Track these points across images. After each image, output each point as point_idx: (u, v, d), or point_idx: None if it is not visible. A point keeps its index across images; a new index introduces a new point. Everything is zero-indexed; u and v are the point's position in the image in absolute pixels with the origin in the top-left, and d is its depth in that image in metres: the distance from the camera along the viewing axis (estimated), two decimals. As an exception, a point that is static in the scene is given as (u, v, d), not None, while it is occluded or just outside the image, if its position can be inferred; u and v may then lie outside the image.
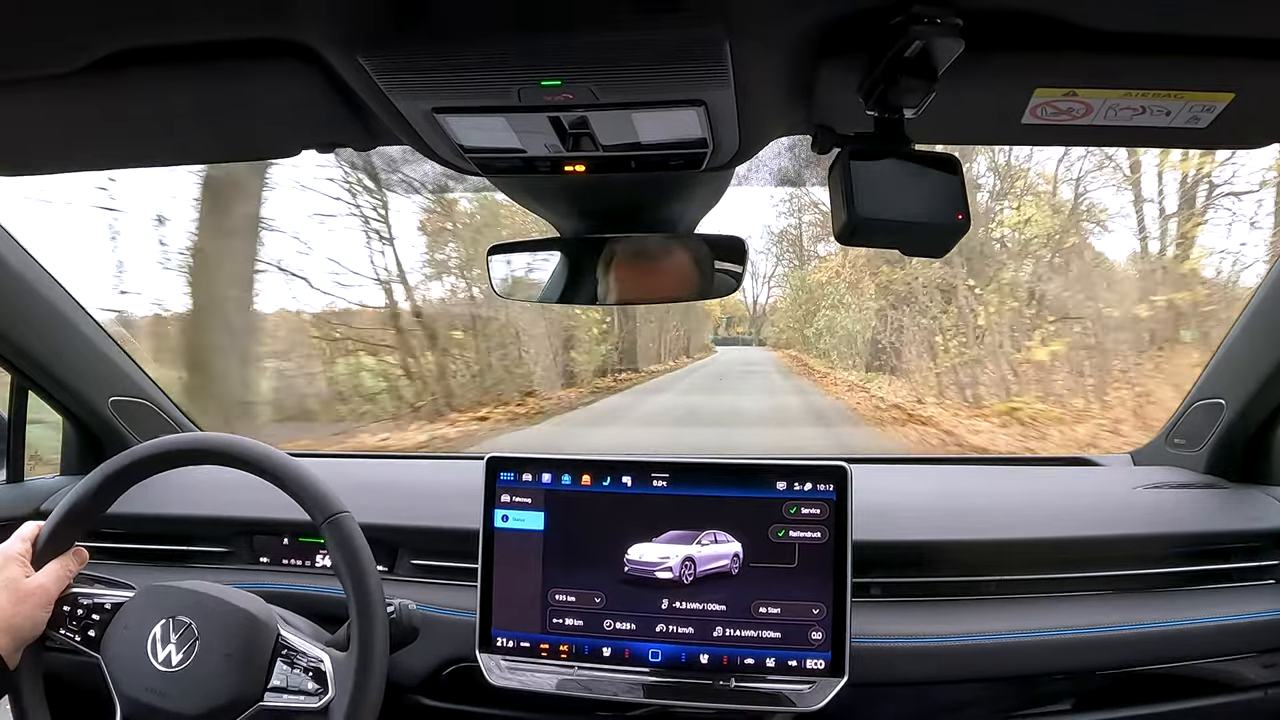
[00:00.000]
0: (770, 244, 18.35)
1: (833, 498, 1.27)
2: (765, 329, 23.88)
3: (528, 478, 1.36)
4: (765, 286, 22.45)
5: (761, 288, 22.81)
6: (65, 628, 1.17)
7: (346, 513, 1.16)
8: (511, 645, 1.34)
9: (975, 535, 1.43)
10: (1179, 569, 1.44)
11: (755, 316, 24.78)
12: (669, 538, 1.30)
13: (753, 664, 1.27)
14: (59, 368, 1.66)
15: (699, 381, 15.93)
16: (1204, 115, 0.84)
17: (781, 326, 21.68)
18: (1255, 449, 1.62)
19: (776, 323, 22.37)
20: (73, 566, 1.20)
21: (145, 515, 1.59)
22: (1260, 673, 1.39)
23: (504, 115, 0.84)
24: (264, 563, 1.58)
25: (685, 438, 8.81)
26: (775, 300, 22.66)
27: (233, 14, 0.74)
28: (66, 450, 1.85)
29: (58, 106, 0.89)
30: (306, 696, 1.11)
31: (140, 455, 1.21)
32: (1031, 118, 0.86)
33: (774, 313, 23.13)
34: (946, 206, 0.78)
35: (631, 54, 0.72)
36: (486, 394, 9.49)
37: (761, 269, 20.52)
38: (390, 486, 1.68)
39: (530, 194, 1.20)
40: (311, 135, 0.99)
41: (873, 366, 12.39)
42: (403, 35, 0.71)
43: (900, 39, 0.68)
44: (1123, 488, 1.63)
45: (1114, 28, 0.73)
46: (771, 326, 22.81)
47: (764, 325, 24.10)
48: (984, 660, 1.33)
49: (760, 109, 0.87)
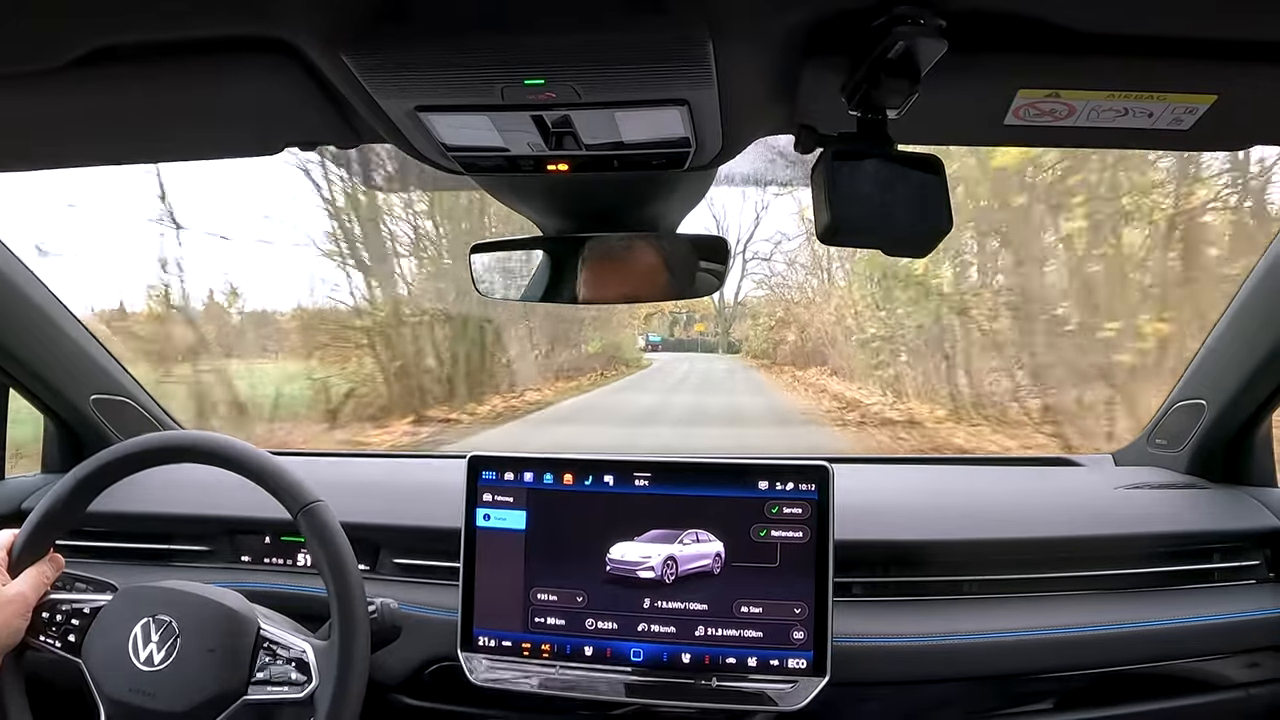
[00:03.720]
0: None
1: (815, 497, 1.27)
2: (738, 329, 18.33)
3: (509, 477, 1.35)
4: (742, 268, 16.28)
5: (740, 275, 16.74)
6: (45, 634, 1.17)
7: (321, 501, 1.16)
8: (493, 644, 1.33)
9: (957, 535, 1.44)
10: (1161, 569, 1.44)
11: (724, 314, 19.03)
12: (651, 537, 1.30)
13: (734, 663, 1.27)
14: (40, 365, 1.65)
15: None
16: (1187, 117, 0.84)
17: (764, 331, 15.89)
18: (1236, 449, 1.63)
19: (759, 322, 16.43)
20: (49, 573, 1.19)
21: (127, 514, 1.58)
22: (1242, 672, 1.40)
23: (487, 114, 0.83)
24: (246, 562, 1.57)
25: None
26: (747, 296, 17.26)
27: (215, 11, 0.73)
28: (48, 448, 1.84)
29: (38, 103, 0.89)
30: (291, 687, 1.12)
31: (111, 458, 1.20)
32: (1014, 119, 0.86)
33: (755, 311, 17.30)
34: (929, 207, 0.78)
35: (614, 53, 0.72)
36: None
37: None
38: (372, 485, 1.67)
39: (513, 193, 1.19)
40: (294, 133, 0.99)
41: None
42: (386, 33, 0.71)
43: (883, 40, 0.68)
44: (1104, 488, 1.63)
45: (1097, 29, 0.73)
46: (755, 326, 16.79)
47: (735, 324, 18.50)
48: (966, 660, 1.33)
49: (743, 109, 0.87)
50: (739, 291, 17.64)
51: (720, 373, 15.98)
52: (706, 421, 9.72)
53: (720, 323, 18.77)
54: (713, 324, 19.22)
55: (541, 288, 1.34)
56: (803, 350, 13.88)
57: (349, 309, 8.72)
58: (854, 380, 10.57)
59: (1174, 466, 1.71)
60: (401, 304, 9.00)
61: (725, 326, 18.52)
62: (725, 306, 18.37)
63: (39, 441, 1.86)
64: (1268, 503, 1.52)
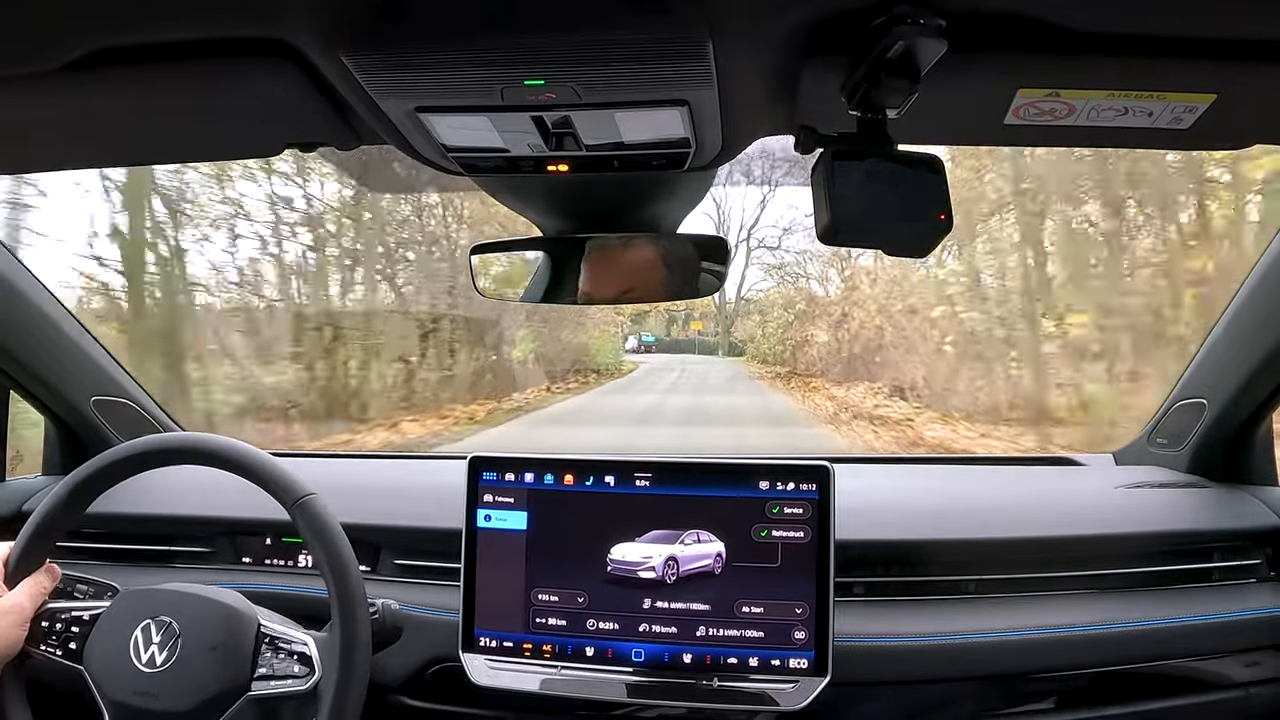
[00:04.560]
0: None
1: (815, 497, 1.27)
2: (741, 327, 15.88)
3: (510, 477, 1.35)
4: (746, 258, 13.59)
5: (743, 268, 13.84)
6: (45, 643, 1.16)
7: (314, 494, 1.16)
8: (494, 645, 1.33)
9: (957, 535, 1.44)
10: (1161, 568, 1.44)
11: (724, 311, 16.68)
12: (652, 537, 1.30)
13: (735, 663, 1.27)
14: (41, 368, 1.65)
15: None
16: (1186, 116, 0.84)
17: (777, 329, 12.64)
18: (1237, 448, 1.63)
19: (770, 318, 13.75)
20: (46, 583, 1.19)
21: (127, 515, 1.58)
22: (1242, 671, 1.40)
23: (487, 115, 0.83)
24: (246, 563, 1.57)
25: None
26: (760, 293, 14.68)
27: (215, 12, 0.73)
28: (49, 450, 1.83)
29: (36, 106, 0.89)
30: (294, 680, 1.12)
31: (104, 463, 1.21)
32: (1014, 118, 0.86)
33: (765, 305, 14.26)
34: (929, 207, 0.78)
35: (615, 54, 0.72)
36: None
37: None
38: (373, 487, 1.68)
39: (513, 194, 1.20)
40: (294, 134, 0.99)
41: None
42: (386, 34, 0.71)
43: (883, 40, 0.68)
44: (1105, 487, 1.63)
45: (1096, 29, 0.73)
46: (764, 324, 14.23)
47: (738, 321, 16.16)
48: (967, 659, 1.33)
49: (743, 109, 0.87)
50: (742, 284, 15.74)
51: (717, 382, 12.52)
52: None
53: (720, 320, 16.70)
54: (712, 322, 17.22)
55: (542, 288, 1.34)
56: (842, 356, 9.78)
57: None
58: (971, 419, 6.50)
59: (1175, 466, 1.70)
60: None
61: (726, 325, 16.35)
62: (727, 303, 16.44)
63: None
64: (1268, 502, 1.52)
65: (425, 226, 9.57)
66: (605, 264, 1.29)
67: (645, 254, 1.29)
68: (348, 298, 8.24)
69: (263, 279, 8.06)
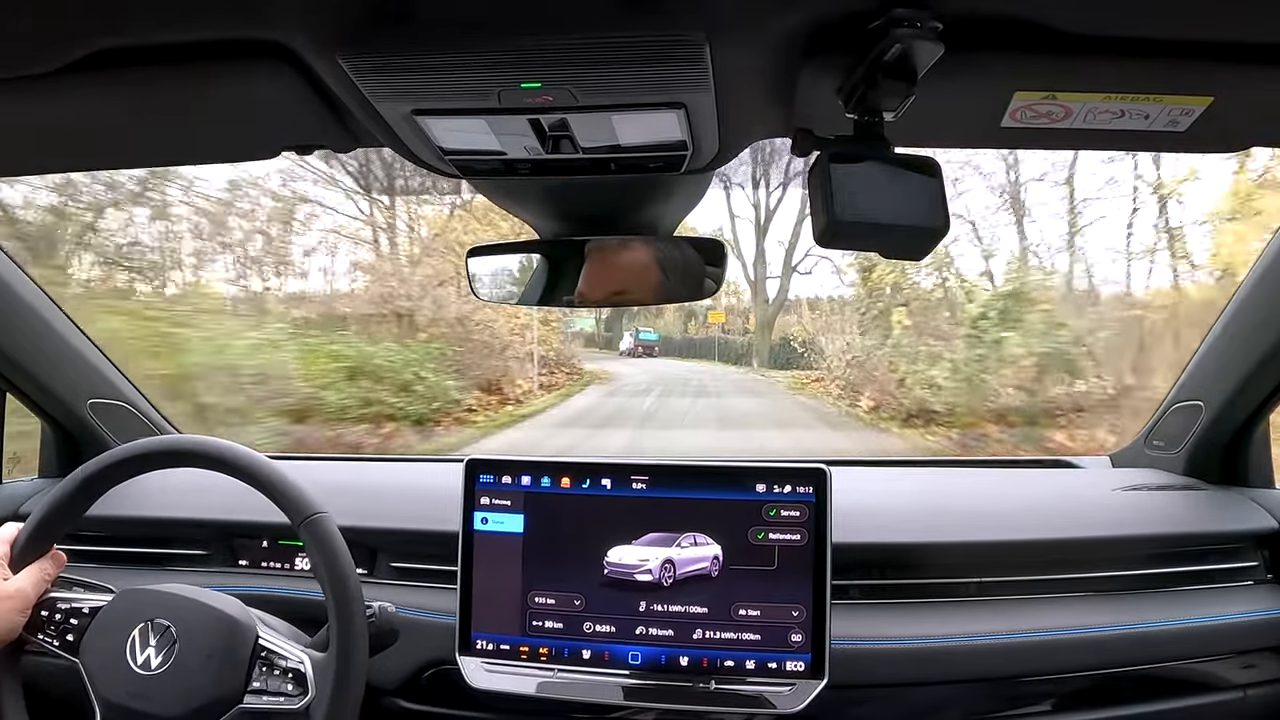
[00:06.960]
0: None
1: (812, 500, 1.27)
2: (781, 328, 11.72)
3: (507, 480, 1.35)
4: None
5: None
6: (43, 632, 1.16)
7: (324, 513, 1.15)
8: (491, 648, 1.33)
9: (954, 537, 1.44)
10: (1158, 570, 1.45)
11: (763, 295, 12.12)
12: (649, 540, 1.30)
13: (732, 666, 1.27)
14: (37, 370, 1.65)
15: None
16: (1183, 119, 0.84)
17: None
18: (1233, 451, 1.63)
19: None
20: (50, 570, 1.19)
21: (124, 517, 1.57)
22: (1239, 673, 1.40)
23: (484, 117, 0.84)
24: (243, 565, 1.57)
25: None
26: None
27: (211, 15, 0.73)
28: (45, 453, 1.83)
29: (33, 108, 0.88)
30: (286, 698, 1.11)
31: (118, 458, 1.20)
32: (1011, 121, 0.86)
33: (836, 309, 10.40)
34: (926, 210, 0.77)
35: (611, 56, 0.72)
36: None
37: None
38: (369, 489, 1.67)
39: (510, 196, 1.19)
40: (291, 137, 0.99)
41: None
42: (383, 37, 0.71)
43: (880, 42, 0.68)
44: (1101, 490, 1.63)
45: (1093, 31, 0.73)
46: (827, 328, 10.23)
47: (776, 325, 11.92)
48: (964, 662, 1.33)
49: (740, 111, 0.87)
50: (788, 280, 11.68)
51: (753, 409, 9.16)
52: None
53: (758, 312, 11.84)
54: (739, 319, 12.74)
55: (538, 291, 1.34)
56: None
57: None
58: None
59: (1171, 468, 1.71)
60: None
61: (768, 319, 11.52)
62: (767, 302, 11.90)
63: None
64: (1265, 504, 1.53)
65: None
66: (601, 266, 1.29)
67: (641, 256, 1.29)
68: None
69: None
